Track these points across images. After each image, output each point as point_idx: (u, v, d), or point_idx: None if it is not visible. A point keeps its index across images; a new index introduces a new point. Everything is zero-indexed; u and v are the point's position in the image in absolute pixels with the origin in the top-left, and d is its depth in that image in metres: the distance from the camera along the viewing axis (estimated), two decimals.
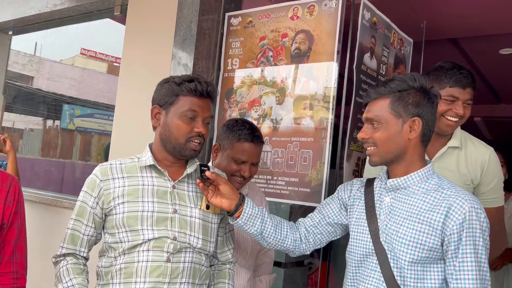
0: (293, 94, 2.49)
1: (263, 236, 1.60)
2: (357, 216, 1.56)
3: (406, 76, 1.47)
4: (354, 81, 2.37)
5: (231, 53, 2.79)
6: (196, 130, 1.55)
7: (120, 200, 1.56)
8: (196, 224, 1.60)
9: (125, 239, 1.54)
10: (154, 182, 1.59)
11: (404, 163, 1.46)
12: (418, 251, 1.38)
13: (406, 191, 1.46)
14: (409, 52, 2.97)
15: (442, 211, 1.37)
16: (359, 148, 2.46)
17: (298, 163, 2.39)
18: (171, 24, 2.86)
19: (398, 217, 1.44)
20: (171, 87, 1.58)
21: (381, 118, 1.45)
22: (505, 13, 3.15)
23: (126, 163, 1.63)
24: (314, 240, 1.66)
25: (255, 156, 1.85)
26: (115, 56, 19.43)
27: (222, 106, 2.79)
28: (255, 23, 2.70)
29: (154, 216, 1.55)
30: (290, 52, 2.53)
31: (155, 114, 1.62)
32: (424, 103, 1.45)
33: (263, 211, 1.61)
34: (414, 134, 1.44)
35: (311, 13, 2.48)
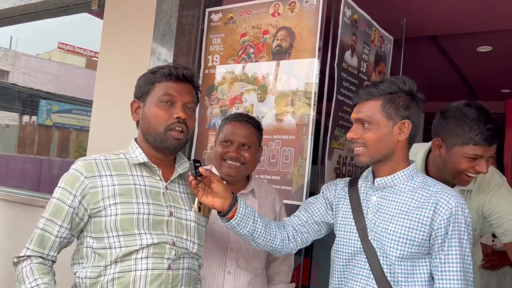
0: (274, 91, 2.48)
1: (254, 237, 1.55)
2: (343, 215, 1.58)
3: (397, 79, 1.50)
4: (336, 79, 2.37)
5: (211, 50, 2.76)
6: (175, 115, 1.43)
7: (111, 200, 1.39)
8: (191, 228, 1.51)
9: (117, 244, 1.38)
10: (145, 182, 1.46)
11: (391, 163, 1.49)
12: (408, 247, 1.41)
13: (393, 189, 1.50)
14: (390, 49, 2.98)
15: (430, 207, 1.41)
16: (340, 146, 2.46)
17: (280, 161, 2.38)
18: (150, 19, 2.81)
19: (387, 215, 1.47)
20: (146, 77, 1.51)
21: (372, 119, 1.47)
22: (483, 11, 3.19)
23: (112, 159, 1.47)
24: (301, 239, 1.65)
25: (242, 136, 1.79)
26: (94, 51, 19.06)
27: (203, 103, 2.75)
28: (236, 19, 2.67)
29: (151, 219, 1.41)
30: (272, 49, 2.51)
31: (135, 109, 1.52)
32: (413, 106, 1.49)
33: (254, 211, 1.56)
34: (403, 136, 1.48)
35: (292, 10, 2.46)
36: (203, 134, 2.72)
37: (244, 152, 1.79)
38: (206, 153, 2.70)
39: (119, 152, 1.52)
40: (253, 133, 1.84)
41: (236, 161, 1.77)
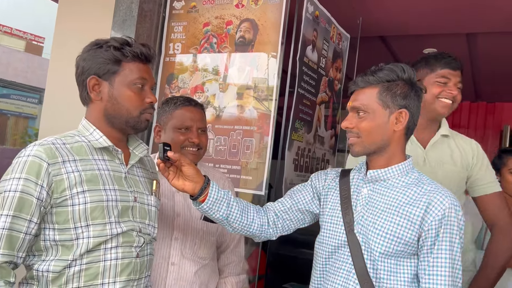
0: (236, 82, 2.50)
1: (229, 221, 1.50)
2: (331, 206, 1.51)
3: (396, 66, 1.43)
4: (297, 72, 2.43)
5: (173, 37, 2.74)
6: (148, 100, 1.39)
7: (78, 188, 1.28)
8: (152, 212, 1.48)
9: (86, 234, 1.28)
10: (108, 166, 1.37)
11: (386, 155, 1.43)
12: (394, 244, 1.35)
13: (385, 183, 1.43)
14: (346, 47, 3.09)
15: (422, 206, 1.35)
16: (300, 138, 2.54)
17: (240, 151, 2.41)
18: (110, 3, 2.74)
19: (376, 209, 1.41)
20: (110, 53, 1.36)
21: (368, 108, 1.40)
22: (430, 15, 3.38)
23: (70, 143, 1.34)
24: (283, 225, 1.59)
25: (199, 121, 1.74)
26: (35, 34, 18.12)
27: (163, 91, 2.73)
28: (199, 8, 2.67)
29: (119, 206, 1.34)
30: (235, 40, 2.53)
31: (93, 86, 1.37)
32: (412, 95, 1.42)
33: (229, 195, 1.52)
34: (400, 126, 1.41)
35: (256, 3, 2.49)
36: None
37: (202, 136, 1.74)
38: None
39: (72, 134, 1.39)
40: (205, 117, 1.81)
41: (196, 147, 1.72)
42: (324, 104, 2.82)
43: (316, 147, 2.76)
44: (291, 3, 2.40)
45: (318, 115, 2.74)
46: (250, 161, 2.39)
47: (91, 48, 1.40)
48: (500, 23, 3.36)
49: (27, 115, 12.17)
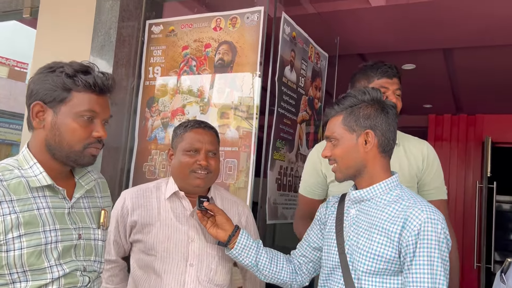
0: (216, 103, 2.51)
1: (259, 268, 1.63)
2: (328, 229, 1.57)
3: (357, 91, 1.49)
4: (276, 92, 2.45)
5: (152, 61, 2.75)
6: (95, 134, 1.28)
7: (15, 232, 1.17)
8: (99, 247, 1.38)
9: (23, 278, 1.18)
10: (49, 204, 1.25)
11: (366, 176, 1.46)
12: (376, 263, 1.37)
13: (370, 202, 1.46)
14: (325, 65, 3.13)
15: (399, 222, 1.36)
16: (282, 157, 2.54)
17: (223, 173, 2.41)
18: (88, 29, 2.75)
19: (361, 229, 1.44)
20: (61, 79, 1.25)
21: (336, 135, 1.48)
22: (406, 32, 3.45)
23: (7, 179, 1.21)
24: (307, 269, 1.67)
25: (208, 143, 1.71)
26: (17, 60, 18.04)
27: (144, 115, 2.73)
28: (177, 32, 2.69)
29: (59, 247, 1.24)
30: (214, 62, 2.54)
31: (36, 113, 1.27)
32: (377, 114, 1.46)
33: (259, 244, 1.65)
34: (369, 146, 1.45)
35: (233, 25, 2.52)
36: (144, 146, 2.69)
37: (211, 159, 1.71)
38: (146, 165, 2.66)
39: (11, 166, 1.26)
40: (216, 140, 1.79)
41: (205, 170, 1.68)
42: (305, 123, 2.84)
43: (299, 166, 2.77)
44: (268, 25, 2.43)
45: (299, 133, 2.75)
46: (233, 182, 2.38)
47: (43, 70, 1.29)
48: (475, 37, 3.44)
49: (10, 142, 12.01)
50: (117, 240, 1.76)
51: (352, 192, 1.50)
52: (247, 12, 2.47)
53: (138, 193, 1.79)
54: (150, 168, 2.65)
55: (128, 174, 2.71)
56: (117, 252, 1.78)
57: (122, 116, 2.74)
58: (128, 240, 1.76)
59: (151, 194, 1.78)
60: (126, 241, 1.76)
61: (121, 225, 1.75)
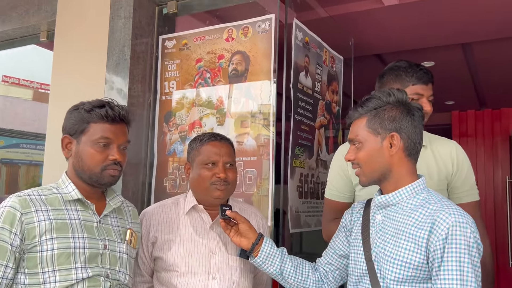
0: (233, 114, 2.50)
1: (283, 277, 1.61)
2: (355, 236, 1.53)
3: (382, 92, 1.46)
4: (292, 99, 2.43)
5: (167, 76, 2.76)
6: (111, 157, 1.51)
7: (48, 235, 1.41)
8: (124, 259, 1.57)
9: (52, 279, 1.39)
10: (80, 216, 1.50)
11: (392, 180, 1.42)
12: (404, 270, 1.33)
13: (396, 208, 1.42)
14: (341, 68, 3.09)
15: (426, 227, 1.31)
16: (301, 164, 2.51)
17: (243, 183, 2.39)
18: (103, 48, 2.78)
19: (387, 235, 1.40)
20: (81, 114, 1.53)
21: (360, 138, 1.44)
22: (425, 28, 3.38)
23: (46, 195, 1.49)
24: (333, 277, 1.64)
25: (225, 155, 1.73)
26: (41, 82, 18.53)
27: (161, 129, 2.74)
28: (190, 45, 2.70)
29: (86, 253, 1.45)
30: (228, 73, 2.54)
31: (66, 144, 1.56)
32: (402, 117, 1.42)
33: (284, 251, 1.63)
34: (395, 150, 1.41)
35: (245, 35, 2.51)
36: (163, 161, 2.70)
37: (228, 171, 1.72)
38: (167, 179, 2.67)
39: (51, 187, 1.54)
40: (232, 151, 1.80)
41: (224, 182, 1.70)
42: (324, 128, 2.80)
43: (320, 172, 2.73)
44: (280, 32, 2.42)
45: (318, 139, 2.72)
46: (253, 192, 2.36)
47: (70, 110, 1.58)
48: (493, 30, 3.36)
49: (37, 163, 12.31)
50: (142, 259, 1.77)
51: (377, 197, 1.47)
52: (258, 20, 2.46)
53: (157, 210, 1.80)
54: (170, 182, 2.65)
55: (150, 189, 2.72)
56: (146, 271, 1.79)
57: (141, 131, 2.76)
58: (151, 257, 1.76)
59: (170, 210, 1.79)
60: (150, 259, 1.77)
61: (145, 244, 1.76)
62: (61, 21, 3.00)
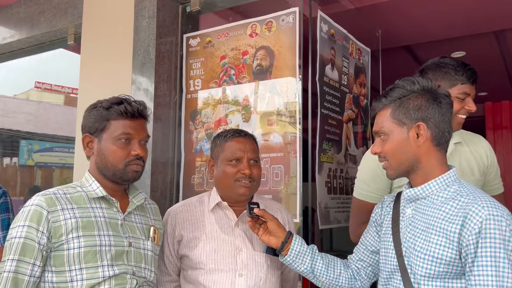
0: (258, 110, 2.47)
1: (315, 275, 1.57)
2: (385, 231, 1.48)
3: (406, 81, 1.40)
4: (318, 93, 2.38)
5: (192, 74, 2.76)
6: (133, 153, 1.51)
7: (74, 233, 1.41)
8: (149, 257, 1.57)
9: (79, 277, 1.39)
10: (105, 214, 1.50)
11: (421, 172, 1.37)
12: (435, 266, 1.27)
13: (426, 201, 1.36)
14: (368, 61, 3.02)
15: (458, 221, 1.25)
16: (329, 159, 2.46)
17: (270, 180, 2.36)
18: (128, 49, 2.80)
19: (417, 229, 1.35)
20: (100, 112, 1.53)
21: (385, 129, 1.39)
22: (455, 16, 3.27)
23: (71, 193, 1.50)
24: (366, 273, 1.60)
25: (250, 151, 1.70)
26: (72, 87, 19.05)
27: (188, 128, 2.73)
28: (214, 42, 2.68)
29: (112, 251, 1.45)
30: (252, 69, 2.51)
31: (87, 143, 1.56)
32: (428, 105, 1.36)
33: (314, 249, 1.59)
34: (422, 140, 1.35)
35: (269, 29, 2.48)
36: (190, 159, 2.70)
37: (253, 168, 1.69)
38: (194, 177, 2.66)
39: (75, 185, 1.55)
40: (256, 147, 1.78)
41: (248, 179, 1.67)
42: (352, 122, 2.74)
43: (349, 167, 2.67)
44: (304, 25, 2.37)
45: (346, 133, 2.66)
46: (281, 189, 2.33)
47: (88, 109, 1.59)
48: None
49: (69, 166, 12.65)
50: (169, 258, 1.77)
51: (406, 190, 1.41)
52: (282, 14, 2.43)
53: (182, 208, 1.80)
54: (198, 180, 2.65)
55: (178, 187, 2.72)
56: (173, 270, 1.78)
57: (167, 131, 2.76)
58: (178, 256, 1.75)
59: (195, 208, 1.78)
60: (177, 258, 1.76)
61: (171, 242, 1.76)
62: (87, 23, 3.04)
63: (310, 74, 2.37)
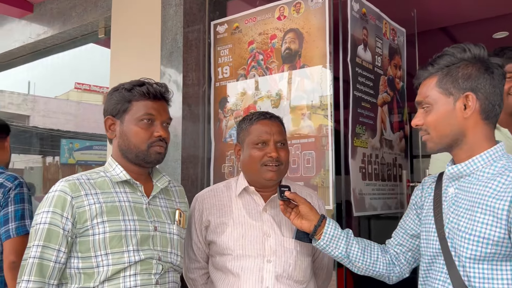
0: (288, 96, 2.40)
1: (350, 260, 1.48)
2: (426, 213, 1.39)
3: (455, 48, 1.30)
4: (350, 74, 2.28)
5: (220, 62, 2.71)
6: (156, 134, 1.49)
7: (99, 219, 1.39)
8: (175, 241, 1.54)
9: (105, 262, 1.37)
10: (129, 198, 1.47)
11: (465, 146, 1.27)
12: (482, 246, 1.18)
13: (470, 178, 1.27)
14: (403, 41, 2.89)
15: (506, 197, 1.16)
16: (363, 144, 2.36)
17: (301, 166, 2.29)
18: (156, 38, 2.79)
19: (461, 209, 1.26)
20: (122, 94, 1.51)
21: (430, 100, 1.29)
22: None
23: (94, 178, 1.48)
24: (406, 259, 1.52)
25: (276, 134, 1.63)
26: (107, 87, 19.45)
27: (217, 116, 2.69)
28: (242, 28, 2.63)
29: (138, 235, 1.43)
30: (281, 53, 2.44)
31: (109, 126, 1.53)
32: (479, 74, 1.25)
33: (349, 233, 1.51)
34: (470, 112, 1.25)
35: (297, 11, 2.40)
36: (220, 148, 2.65)
37: (280, 150, 1.63)
38: (225, 166, 2.62)
39: (98, 170, 1.52)
40: (283, 130, 1.71)
41: (276, 162, 1.60)
42: (387, 105, 2.62)
43: (385, 152, 2.56)
44: (334, 5, 2.28)
45: (381, 117, 2.54)
46: (313, 175, 2.25)
47: (110, 92, 1.56)
48: None
49: None
50: (197, 244, 1.73)
51: (448, 167, 1.31)
52: None
53: (209, 193, 1.75)
54: (228, 169, 2.60)
55: (209, 176, 2.69)
56: (202, 257, 1.74)
57: (197, 120, 2.73)
58: (206, 242, 1.71)
59: (222, 194, 1.73)
60: (205, 244, 1.72)
61: (198, 228, 1.72)
62: (116, 15, 3.05)
63: (341, 56, 2.27)
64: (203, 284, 1.78)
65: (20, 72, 4.59)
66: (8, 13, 3.72)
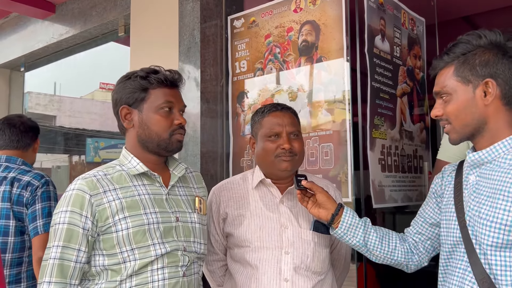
0: (305, 88, 2.39)
1: (368, 248, 1.48)
2: (446, 202, 1.37)
3: (471, 35, 1.28)
4: (368, 65, 2.25)
5: (237, 56, 2.72)
6: (176, 122, 1.47)
7: (120, 215, 1.37)
8: (197, 229, 1.53)
9: (132, 257, 1.36)
10: (148, 191, 1.45)
11: (488, 134, 1.26)
12: (504, 234, 1.16)
13: (492, 165, 1.25)
14: (422, 32, 2.84)
15: None
16: (382, 135, 2.33)
17: (319, 158, 2.28)
18: (174, 34, 2.81)
19: (482, 196, 1.24)
20: (137, 82, 1.45)
21: (448, 89, 1.28)
22: None
23: (111, 173, 1.44)
24: (425, 247, 1.50)
25: (289, 125, 1.63)
26: None
27: (235, 111, 2.70)
28: (259, 22, 2.63)
29: (161, 228, 1.41)
30: (298, 46, 2.43)
31: (125, 115, 1.47)
32: (496, 60, 1.23)
33: (367, 222, 1.51)
34: (490, 98, 1.23)
35: (314, 3, 2.39)
36: (239, 142, 2.67)
37: (294, 142, 1.62)
38: (243, 160, 2.63)
39: (114, 164, 1.49)
40: (296, 120, 1.70)
41: (289, 153, 1.60)
42: (407, 96, 2.58)
43: (405, 144, 2.52)
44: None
45: (401, 108, 2.51)
46: (331, 167, 2.24)
47: (121, 81, 1.51)
48: None
49: None
50: (215, 236, 1.74)
51: (469, 155, 1.29)
52: None
53: (226, 186, 1.76)
54: (247, 163, 2.61)
55: (228, 171, 2.70)
56: (220, 249, 1.76)
57: (215, 115, 2.75)
58: (223, 234, 1.72)
59: (239, 186, 1.74)
60: (223, 236, 1.73)
61: (216, 220, 1.73)
62: (135, 12, 3.09)
63: (358, 46, 2.25)
64: (221, 276, 1.79)
65: (45, 73, 4.72)
66: (31, 15, 3.82)
